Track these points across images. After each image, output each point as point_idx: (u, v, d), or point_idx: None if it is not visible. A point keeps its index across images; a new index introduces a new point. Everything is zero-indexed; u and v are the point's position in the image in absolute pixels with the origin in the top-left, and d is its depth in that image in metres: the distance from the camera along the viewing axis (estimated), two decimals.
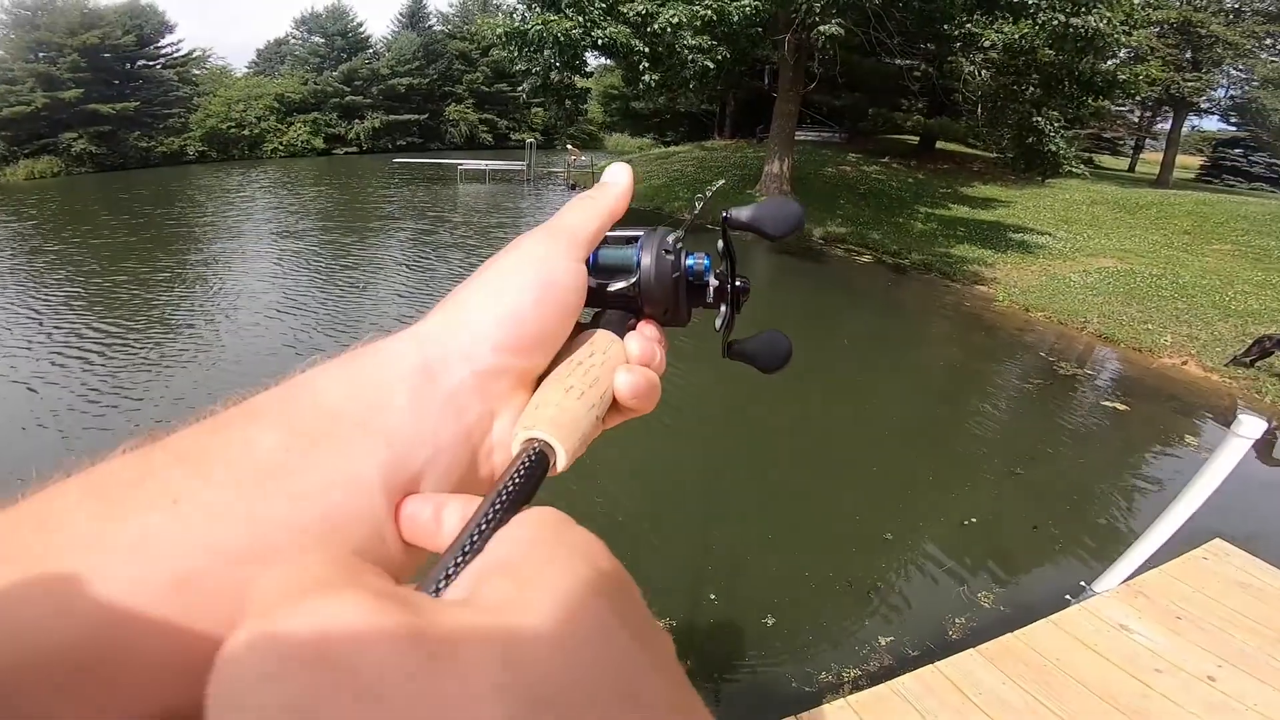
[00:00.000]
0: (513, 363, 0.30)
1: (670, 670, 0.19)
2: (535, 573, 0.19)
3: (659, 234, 0.41)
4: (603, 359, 0.34)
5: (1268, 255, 12.43)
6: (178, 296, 8.69)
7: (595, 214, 0.36)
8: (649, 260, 0.39)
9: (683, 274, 0.40)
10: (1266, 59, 23.99)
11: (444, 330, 0.29)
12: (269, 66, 36.50)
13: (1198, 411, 6.71)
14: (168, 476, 0.22)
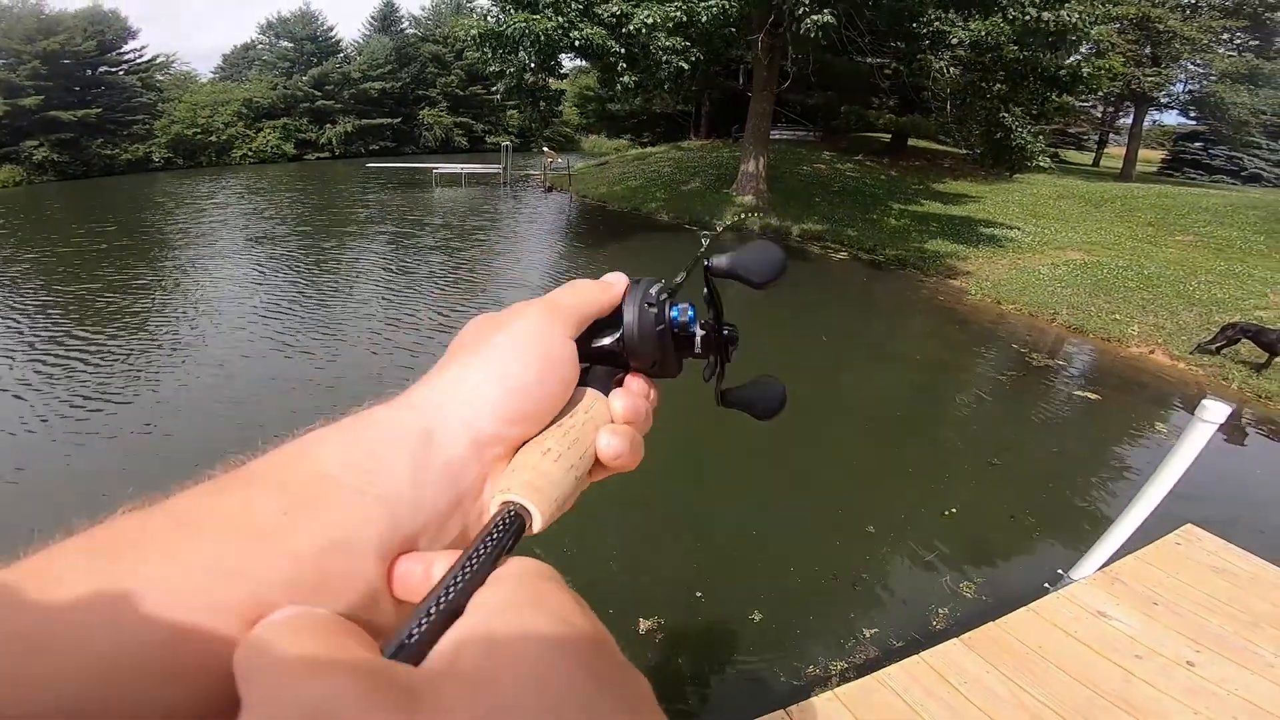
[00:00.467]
0: (509, 432, 0.31)
1: (645, 716, 0.20)
2: (511, 643, 0.20)
3: (642, 286, 0.41)
4: (584, 419, 0.34)
5: (1229, 245, 12.80)
6: (157, 302, 8.57)
7: (591, 300, 0.38)
8: (632, 315, 0.39)
9: (668, 326, 0.40)
10: (1223, 53, 24.53)
11: (445, 399, 0.31)
12: (236, 72, 35.86)
13: (1167, 399, 6.89)
14: (168, 537, 0.23)
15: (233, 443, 1.35)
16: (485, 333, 0.34)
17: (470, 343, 0.34)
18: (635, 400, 0.38)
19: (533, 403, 0.32)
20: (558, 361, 0.34)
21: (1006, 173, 16.59)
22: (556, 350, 0.34)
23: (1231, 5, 23.19)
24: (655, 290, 0.40)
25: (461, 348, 0.34)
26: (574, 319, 0.36)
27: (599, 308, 0.38)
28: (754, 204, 15.87)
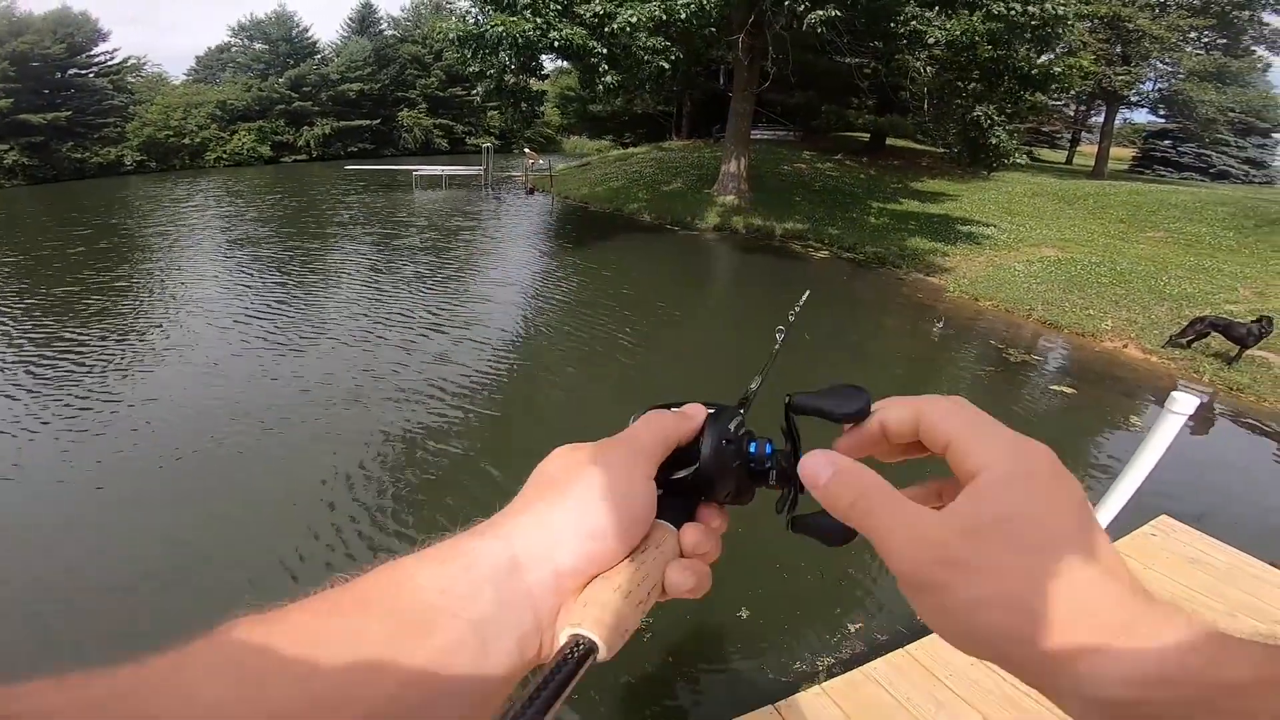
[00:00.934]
0: (588, 568, 0.34)
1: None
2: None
3: (722, 420, 0.41)
4: (655, 555, 0.36)
5: (1198, 241, 13.09)
6: (144, 304, 8.57)
7: (671, 436, 0.40)
8: (709, 450, 0.40)
9: (744, 462, 0.41)
10: (1191, 52, 24.99)
11: (532, 534, 0.34)
12: (210, 74, 35.29)
13: (1140, 392, 7.05)
14: (293, 655, 0.26)
15: (227, 433, 1.34)
16: (572, 470, 0.36)
17: (557, 480, 0.36)
18: (706, 534, 0.39)
19: (611, 546, 0.34)
20: (638, 508, 0.36)
21: (983, 171, 16.84)
22: (638, 498, 0.36)
23: (1199, 4, 23.47)
24: (734, 425, 0.41)
25: (549, 483, 0.36)
26: (655, 458, 0.38)
27: (679, 440, 0.40)
28: (735, 204, 15.95)
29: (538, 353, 7.40)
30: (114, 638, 3.06)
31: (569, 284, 10.43)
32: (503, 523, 0.34)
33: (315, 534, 3.87)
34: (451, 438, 5.11)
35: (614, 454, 0.37)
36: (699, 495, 0.41)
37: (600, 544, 0.34)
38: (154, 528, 3.91)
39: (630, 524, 0.35)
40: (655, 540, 0.37)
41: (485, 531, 0.34)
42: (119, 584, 3.46)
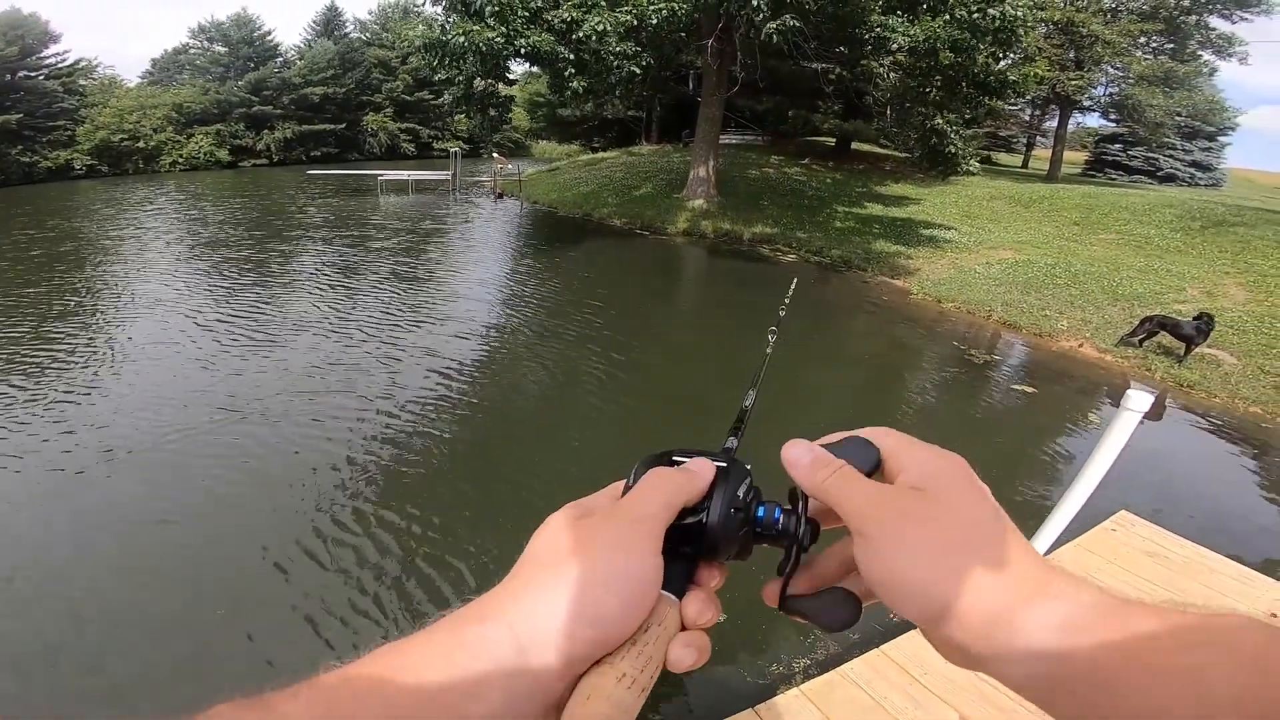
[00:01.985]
0: (595, 654, 0.33)
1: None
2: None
3: (731, 482, 0.40)
4: (658, 634, 0.35)
5: (1148, 243, 13.60)
6: (105, 314, 8.12)
7: (679, 500, 0.39)
8: (718, 517, 0.39)
9: (751, 527, 0.41)
10: (1140, 56, 25.66)
11: (537, 618, 0.32)
12: (166, 77, 34.26)
13: (1097, 389, 7.31)
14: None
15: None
16: (574, 545, 0.35)
17: (559, 556, 0.35)
18: (709, 603, 0.38)
19: (617, 629, 0.34)
20: (645, 587, 0.35)
21: (941, 176, 17.26)
22: (646, 577, 0.35)
23: (1149, 9, 24.15)
24: (743, 491, 0.40)
25: (550, 560, 0.35)
26: (662, 529, 0.37)
27: (686, 504, 0.39)
28: (705, 208, 16.07)
29: (506, 362, 7.35)
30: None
31: (539, 290, 10.39)
32: (504, 605, 0.33)
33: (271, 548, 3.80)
34: (416, 456, 5.05)
35: (619, 528, 0.36)
36: (701, 557, 0.40)
37: (606, 629, 0.33)
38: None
39: (637, 605, 0.34)
40: (658, 616, 0.36)
41: (487, 615, 0.33)
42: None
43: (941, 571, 0.33)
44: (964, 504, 0.36)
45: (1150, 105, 25.08)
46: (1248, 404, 6.86)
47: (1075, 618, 0.31)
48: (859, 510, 0.37)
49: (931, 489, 0.37)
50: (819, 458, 0.40)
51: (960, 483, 0.37)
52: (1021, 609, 0.32)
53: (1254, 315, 9.02)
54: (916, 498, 0.36)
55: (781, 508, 0.42)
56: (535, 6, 12.09)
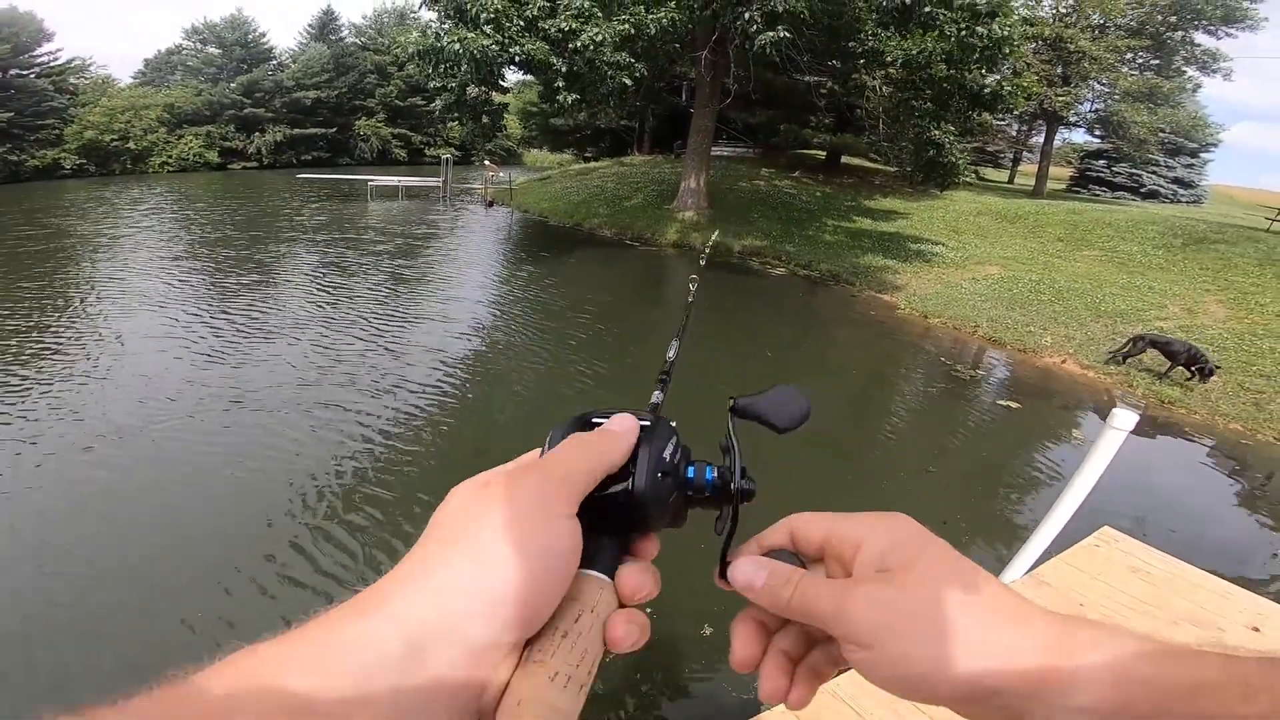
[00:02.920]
0: (510, 637, 0.28)
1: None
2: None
3: (656, 442, 0.37)
4: (592, 622, 0.31)
5: (1131, 260, 13.82)
6: (84, 314, 7.96)
7: (598, 463, 0.34)
8: (645, 483, 0.36)
9: (682, 491, 0.38)
10: (1126, 72, 25.94)
11: (430, 605, 0.27)
12: (158, 77, 34.10)
13: (1079, 405, 7.41)
14: None
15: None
16: (475, 516, 0.30)
17: (459, 530, 0.30)
18: (646, 574, 0.35)
19: (529, 607, 0.29)
20: (559, 554, 0.30)
21: (935, 189, 17.43)
22: (559, 541, 0.31)
23: (1135, 25, 24.50)
24: (669, 453, 0.37)
25: (450, 536, 0.30)
26: (579, 491, 0.33)
27: (607, 468, 0.35)
28: (695, 220, 16.15)
29: (491, 371, 7.33)
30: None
31: (527, 299, 10.39)
32: (389, 593, 0.28)
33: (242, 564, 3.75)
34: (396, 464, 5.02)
35: (526, 489, 0.31)
36: (630, 529, 0.37)
37: (518, 608, 0.28)
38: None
39: (553, 578, 0.30)
40: (587, 601, 0.32)
41: (367, 608, 0.27)
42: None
43: (963, 652, 0.31)
44: (940, 568, 0.34)
45: (1134, 122, 25.40)
46: (1227, 420, 6.97)
47: (1122, 668, 0.29)
48: (842, 618, 0.33)
49: (900, 564, 0.34)
50: (775, 574, 0.36)
51: (923, 544, 0.35)
52: (1062, 664, 0.30)
53: (1234, 333, 9.18)
54: (893, 583, 0.33)
55: (713, 466, 0.39)
56: (531, 15, 12.14)
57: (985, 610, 0.32)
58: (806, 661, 0.38)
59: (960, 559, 0.35)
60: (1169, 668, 0.28)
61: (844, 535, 0.36)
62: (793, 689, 0.37)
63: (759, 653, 0.38)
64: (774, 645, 0.38)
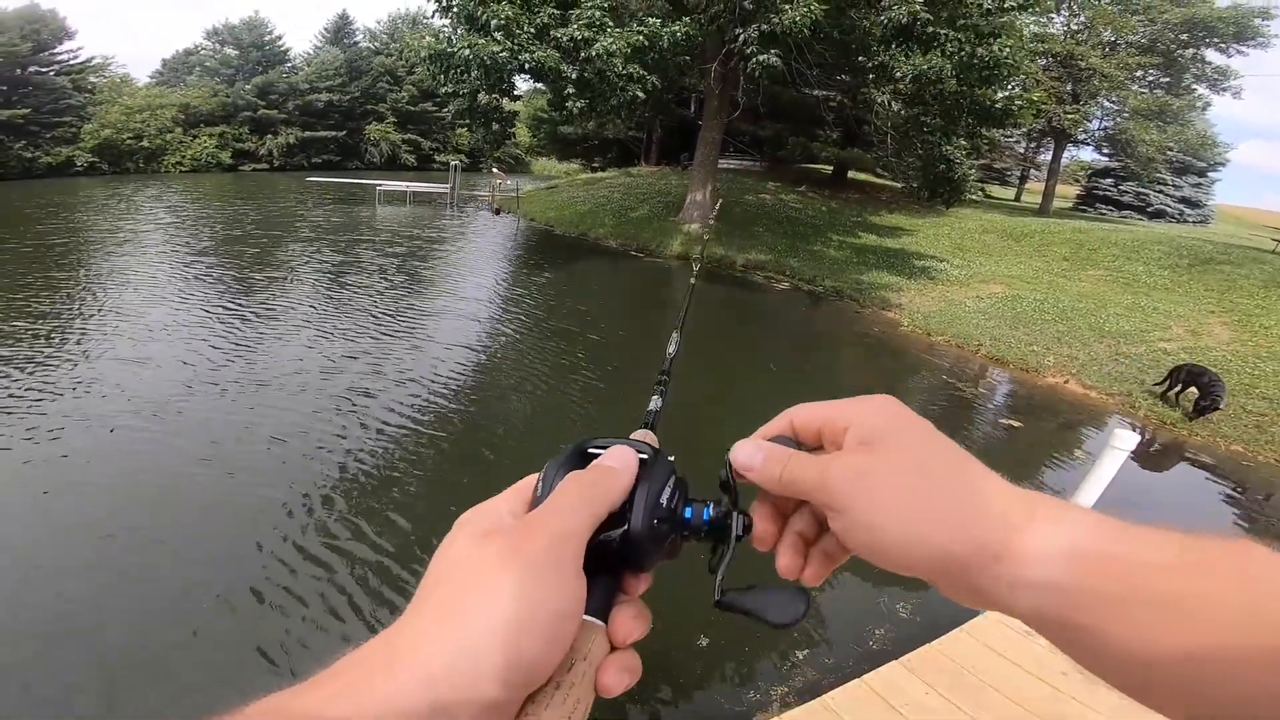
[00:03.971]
0: (519, 696, 0.30)
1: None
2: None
3: (654, 481, 0.38)
4: (585, 670, 0.32)
5: (1136, 280, 13.80)
6: (103, 310, 8.06)
7: (596, 511, 0.35)
8: (642, 526, 0.36)
9: (678, 531, 0.39)
10: (1136, 90, 25.90)
11: (451, 661, 0.28)
12: (175, 77, 34.58)
13: (1081, 425, 7.41)
14: None
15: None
16: (486, 572, 0.31)
17: (469, 584, 0.31)
18: (638, 617, 0.36)
19: (542, 664, 0.30)
20: (567, 620, 0.31)
21: (942, 205, 17.47)
22: (569, 604, 0.31)
23: (1147, 42, 24.40)
24: (666, 497, 0.38)
25: (463, 589, 0.31)
26: (583, 543, 0.33)
27: (607, 510, 0.35)
28: (700, 233, 16.22)
29: (492, 378, 7.37)
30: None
31: (530, 306, 10.45)
32: (415, 651, 0.28)
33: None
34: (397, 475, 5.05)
35: (534, 552, 0.31)
36: (624, 569, 0.37)
37: (528, 674, 0.29)
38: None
39: (560, 641, 0.31)
40: (580, 649, 0.32)
41: (398, 664, 0.28)
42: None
43: (928, 518, 0.33)
44: (919, 442, 0.36)
45: (1143, 140, 25.28)
46: (1229, 442, 6.97)
47: (1080, 543, 0.30)
48: (823, 486, 0.35)
49: (881, 438, 0.36)
50: (770, 455, 0.39)
51: (905, 421, 0.37)
52: (1021, 537, 0.31)
53: (1238, 355, 9.17)
54: (872, 453, 0.35)
55: (710, 506, 0.40)
56: (542, 23, 12.26)
57: (955, 481, 0.34)
58: (819, 545, 0.40)
59: (939, 435, 0.36)
60: (1126, 545, 0.30)
61: (836, 418, 0.38)
62: (808, 566, 0.39)
63: (776, 531, 0.40)
64: (789, 526, 0.40)
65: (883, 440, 0.35)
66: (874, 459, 0.35)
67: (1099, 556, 0.29)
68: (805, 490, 0.37)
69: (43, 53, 26.07)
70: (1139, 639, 0.27)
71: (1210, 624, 0.26)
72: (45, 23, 25.71)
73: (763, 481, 0.38)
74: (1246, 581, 0.27)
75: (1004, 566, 0.31)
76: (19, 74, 25.23)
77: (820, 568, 0.39)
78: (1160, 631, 0.27)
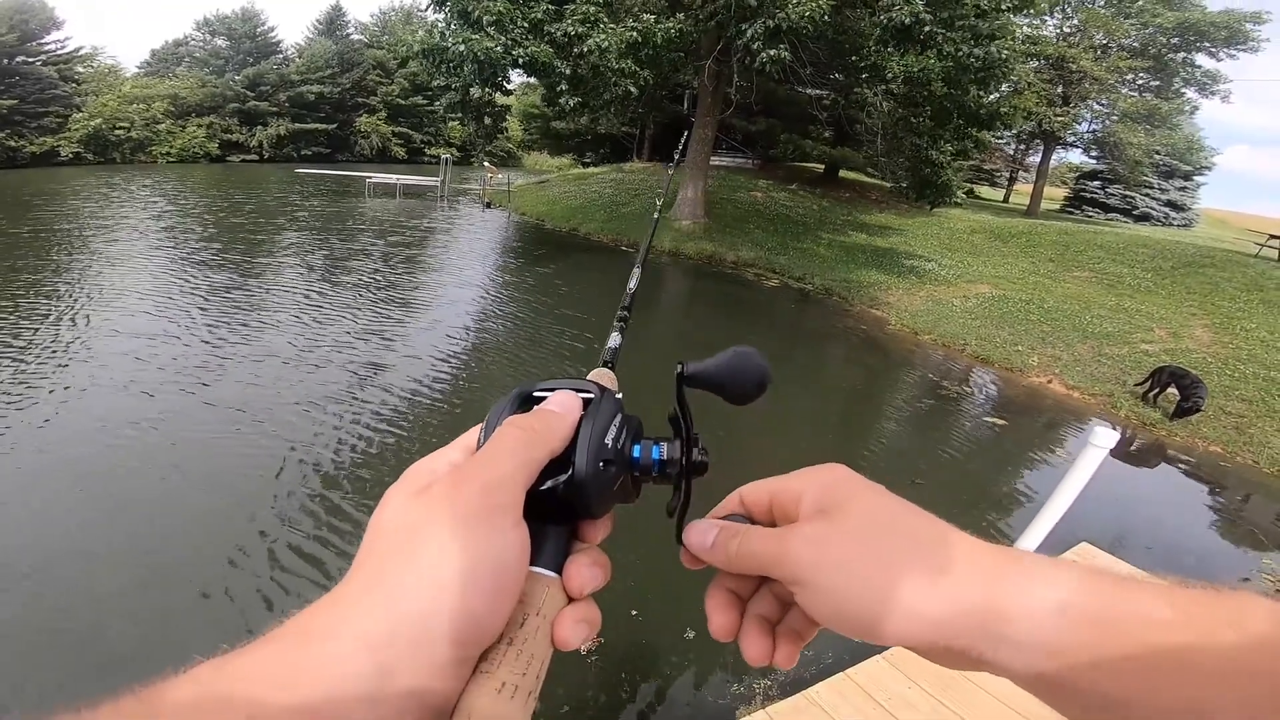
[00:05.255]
0: (467, 652, 0.29)
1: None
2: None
3: (598, 421, 0.36)
4: (539, 625, 0.31)
5: (1120, 282, 13.97)
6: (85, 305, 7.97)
7: (535, 456, 0.33)
8: (584, 470, 0.34)
9: (629, 473, 0.37)
10: (1125, 93, 26.06)
11: (394, 623, 0.27)
12: (164, 68, 34.18)
13: (1064, 425, 7.52)
14: None
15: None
16: (418, 528, 0.30)
17: (403, 542, 0.30)
18: (595, 565, 0.35)
19: (488, 627, 0.29)
20: (509, 567, 0.30)
21: (928, 206, 17.60)
22: (508, 553, 0.30)
23: (1138, 45, 24.51)
24: (612, 438, 0.36)
25: (397, 548, 0.30)
26: (521, 490, 0.32)
27: (546, 456, 0.34)
28: (691, 229, 16.25)
29: (478, 368, 7.37)
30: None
31: (518, 298, 10.44)
32: (353, 613, 0.28)
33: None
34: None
35: (467, 501, 0.30)
36: (575, 516, 0.35)
37: (474, 630, 0.29)
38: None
39: (504, 593, 0.30)
40: (534, 603, 0.31)
41: (335, 628, 0.27)
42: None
43: (899, 581, 0.31)
44: (879, 506, 0.35)
45: (1130, 143, 25.43)
46: (1208, 443, 7.10)
47: (1071, 600, 0.29)
48: (783, 559, 0.34)
49: (838, 504, 0.35)
50: (725, 530, 0.37)
51: (861, 485, 0.36)
52: (1004, 596, 0.30)
53: (1218, 358, 9.33)
54: (831, 520, 0.34)
55: (661, 443, 0.38)
56: (536, 19, 12.23)
57: (924, 541, 0.32)
58: (785, 623, 0.38)
59: (896, 498, 0.35)
60: (1122, 602, 0.28)
61: (787, 490, 0.37)
62: (777, 649, 0.37)
63: (735, 619, 0.38)
64: (749, 611, 0.38)
65: (840, 507, 0.34)
66: (834, 526, 0.33)
67: (1094, 614, 0.28)
68: (764, 565, 0.35)
69: (29, 42, 25.73)
70: (1140, 699, 0.26)
71: (1216, 683, 0.25)
72: (33, 12, 25.39)
73: (719, 561, 0.37)
74: (1251, 639, 0.25)
75: (988, 627, 0.29)
76: (4, 64, 24.91)
77: (791, 647, 0.37)
78: (1163, 693, 0.26)
